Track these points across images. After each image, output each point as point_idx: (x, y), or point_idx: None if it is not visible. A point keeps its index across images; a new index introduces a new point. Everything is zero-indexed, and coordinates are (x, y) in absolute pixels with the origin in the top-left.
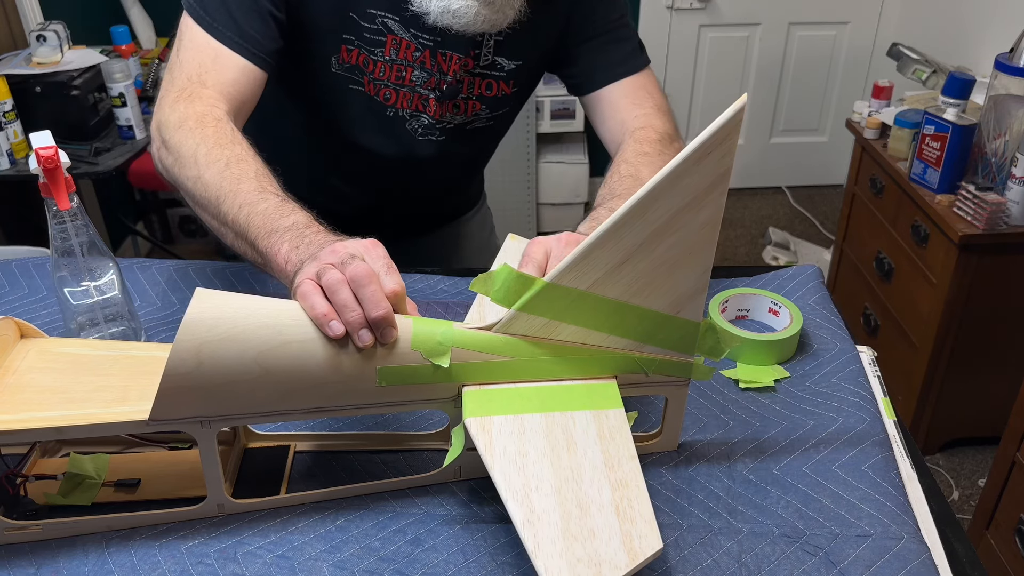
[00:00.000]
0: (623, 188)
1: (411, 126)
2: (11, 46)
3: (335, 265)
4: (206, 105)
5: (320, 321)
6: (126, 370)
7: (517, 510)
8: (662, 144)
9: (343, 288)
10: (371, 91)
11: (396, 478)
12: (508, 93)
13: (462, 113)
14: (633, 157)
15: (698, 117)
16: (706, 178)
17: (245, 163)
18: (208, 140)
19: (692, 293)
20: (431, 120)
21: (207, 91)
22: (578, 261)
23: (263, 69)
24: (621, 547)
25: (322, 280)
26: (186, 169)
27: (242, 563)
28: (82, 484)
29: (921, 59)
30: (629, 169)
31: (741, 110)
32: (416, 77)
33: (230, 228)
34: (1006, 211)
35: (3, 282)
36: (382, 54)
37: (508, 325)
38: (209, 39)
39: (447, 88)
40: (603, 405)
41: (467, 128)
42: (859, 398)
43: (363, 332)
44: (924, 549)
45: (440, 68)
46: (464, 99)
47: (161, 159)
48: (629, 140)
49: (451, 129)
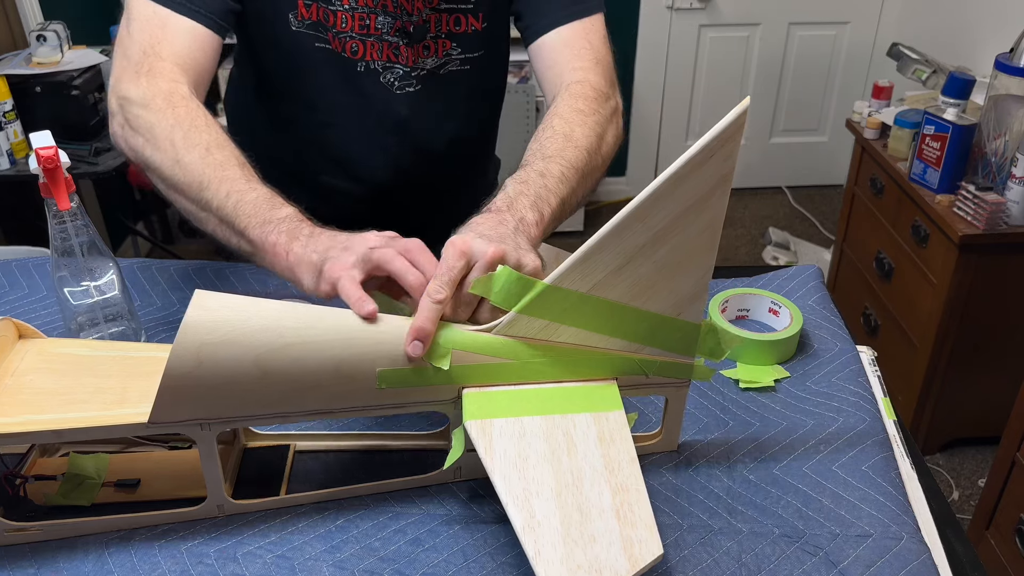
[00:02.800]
0: (554, 148)
1: (386, 79)
2: (11, 46)
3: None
4: (168, 81)
5: (416, 290)
6: (125, 371)
7: (517, 515)
8: (597, 102)
9: (398, 259)
10: (337, 47)
11: (396, 478)
12: (479, 29)
13: (433, 54)
14: (568, 113)
15: (698, 117)
16: (708, 181)
17: (226, 149)
18: (183, 122)
19: (693, 295)
20: (405, 68)
21: (164, 64)
22: (579, 263)
23: (216, 32)
24: (621, 553)
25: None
26: (161, 152)
27: (242, 563)
28: (82, 484)
29: (921, 59)
30: (562, 126)
31: (743, 113)
32: (381, 24)
33: (214, 214)
34: (1006, 211)
35: (3, 282)
36: (340, 3)
37: (508, 327)
38: (156, 7)
39: (415, 29)
40: (603, 407)
41: (441, 73)
42: (859, 398)
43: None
44: (924, 549)
45: (404, 9)
46: (433, 38)
47: (126, 138)
48: (565, 94)
49: (425, 76)
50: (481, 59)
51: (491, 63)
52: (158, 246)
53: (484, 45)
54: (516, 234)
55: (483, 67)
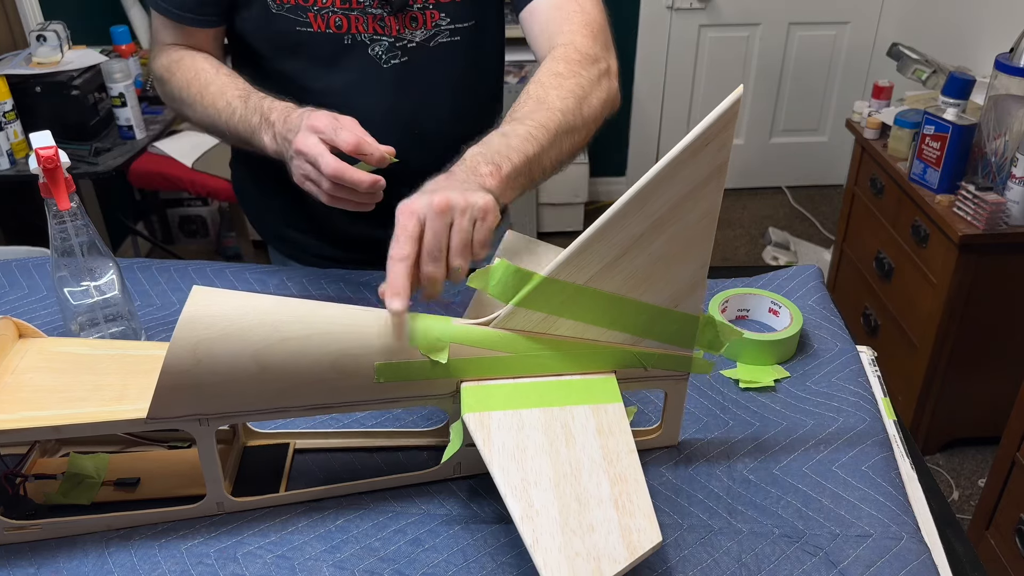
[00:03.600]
0: (523, 112)
1: (374, 51)
2: (11, 46)
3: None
4: (186, 49)
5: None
6: (124, 369)
7: (515, 505)
8: (581, 65)
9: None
10: (320, 26)
11: (396, 475)
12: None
13: (422, 26)
14: (546, 78)
15: (698, 117)
16: (703, 170)
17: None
18: (208, 59)
19: (690, 286)
20: (391, 40)
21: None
22: (575, 255)
23: (212, 27)
24: (620, 541)
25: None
26: (193, 77)
27: (242, 563)
28: (82, 483)
29: (921, 59)
30: (537, 91)
31: (737, 102)
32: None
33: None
34: (1006, 211)
35: (3, 282)
36: None
37: (506, 320)
38: (164, 20)
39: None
40: (602, 400)
41: (431, 46)
42: (859, 398)
43: None
44: (924, 549)
45: None
46: (421, 9)
47: (163, 81)
48: (548, 59)
49: (414, 48)
50: (471, 30)
51: (483, 34)
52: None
53: (474, 14)
54: (464, 183)
55: (475, 38)
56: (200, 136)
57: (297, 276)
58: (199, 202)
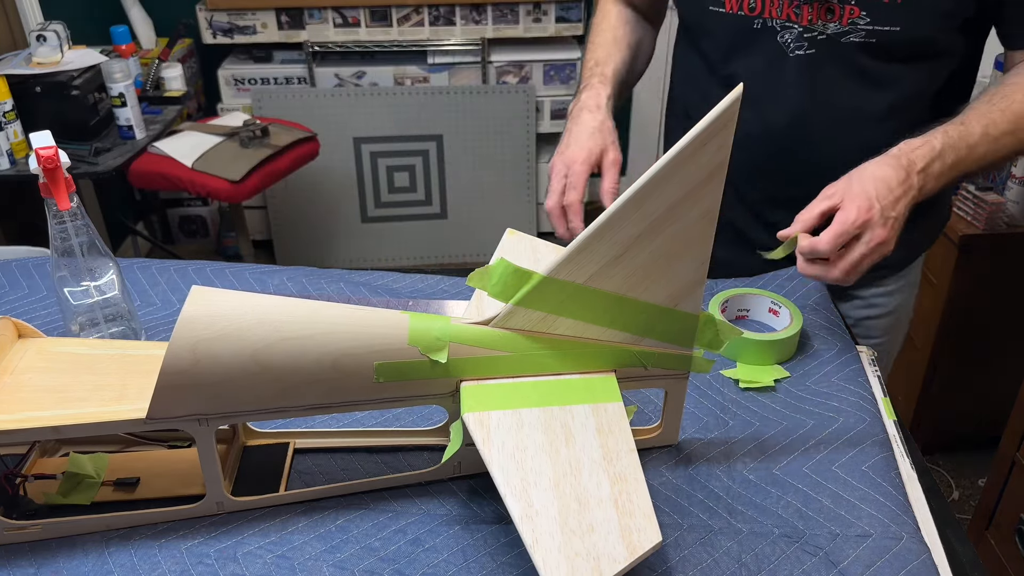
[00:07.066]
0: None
1: (782, 39)
2: (11, 46)
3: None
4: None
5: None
6: (124, 369)
7: (515, 505)
8: None
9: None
10: (733, 6)
11: (396, 474)
12: (898, 2)
13: (836, 19)
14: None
15: None
16: (703, 169)
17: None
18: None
19: (690, 285)
20: (801, 28)
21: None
22: (575, 254)
23: None
24: (620, 541)
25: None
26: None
27: (242, 563)
28: (81, 483)
29: None
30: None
31: (737, 100)
32: None
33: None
34: (1006, 211)
35: (3, 282)
36: None
37: (506, 319)
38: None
39: None
40: (602, 399)
41: (841, 41)
42: (859, 398)
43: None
44: (924, 549)
45: None
46: (840, 2)
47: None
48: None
49: (822, 41)
50: (894, 38)
51: (906, 44)
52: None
53: (900, 20)
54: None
55: (891, 44)
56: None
57: (297, 276)
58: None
